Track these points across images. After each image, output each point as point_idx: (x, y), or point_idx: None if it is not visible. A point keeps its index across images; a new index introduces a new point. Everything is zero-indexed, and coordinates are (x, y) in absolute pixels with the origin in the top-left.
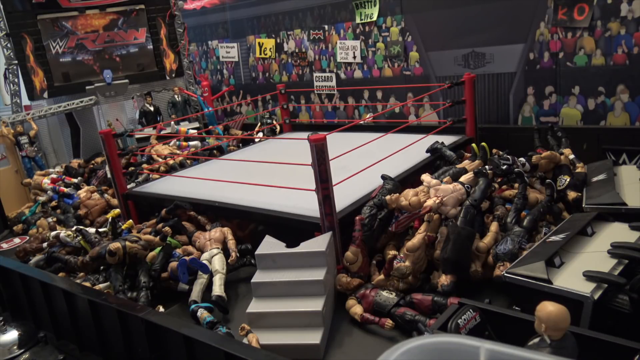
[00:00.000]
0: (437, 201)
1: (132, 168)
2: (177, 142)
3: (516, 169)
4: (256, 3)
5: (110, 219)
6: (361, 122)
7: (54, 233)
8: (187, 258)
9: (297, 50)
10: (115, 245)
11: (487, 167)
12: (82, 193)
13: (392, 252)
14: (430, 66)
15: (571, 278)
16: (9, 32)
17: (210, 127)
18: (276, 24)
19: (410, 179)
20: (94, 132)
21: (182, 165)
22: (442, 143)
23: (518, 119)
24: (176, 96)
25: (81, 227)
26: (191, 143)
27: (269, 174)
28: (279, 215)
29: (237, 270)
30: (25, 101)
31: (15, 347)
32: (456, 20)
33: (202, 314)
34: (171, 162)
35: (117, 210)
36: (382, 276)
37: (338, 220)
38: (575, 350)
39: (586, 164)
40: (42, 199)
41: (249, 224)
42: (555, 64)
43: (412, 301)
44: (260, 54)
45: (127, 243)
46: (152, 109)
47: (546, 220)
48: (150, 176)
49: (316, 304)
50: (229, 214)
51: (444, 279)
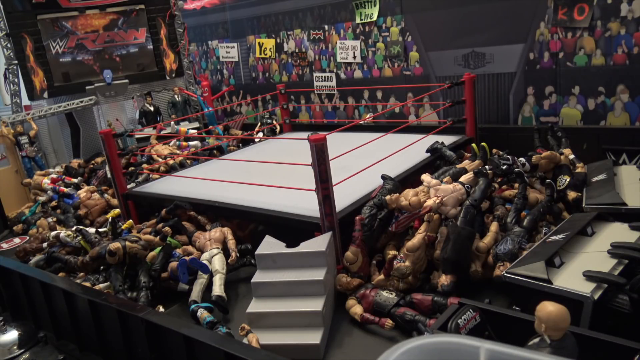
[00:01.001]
0: (437, 201)
1: (132, 168)
2: (177, 142)
3: (516, 169)
4: (256, 3)
5: (110, 219)
6: (361, 122)
7: (54, 233)
8: (187, 258)
9: (297, 50)
10: (115, 245)
11: (487, 167)
12: (82, 193)
13: (392, 252)
14: (430, 66)
15: (571, 278)
16: (9, 32)
17: (210, 127)
18: (276, 24)
19: (410, 179)
20: (94, 132)
21: (182, 165)
22: (442, 143)
23: (518, 119)
24: (176, 96)
25: (81, 227)
26: (191, 143)
27: (269, 174)
28: (279, 215)
29: (237, 270)
30: (25, 101)
31: (15, 347)
32: (456, 20)
33: (202, 314)
34: (171, 162)
35: (117, 210)
36: (382, 276)
37: (338, 220)
38: (575, 350)
39: (586, 164)
40: (42, 199)
41: (249, 224)
42: (555, 64)
43: (412, 301)
44: (260, 54)
45: (127, 243)
46: (152, 109)
47: (546, 220)
48: (150, 176)
49: (316, 304)
50: (229, 214)
51: (444, 279)
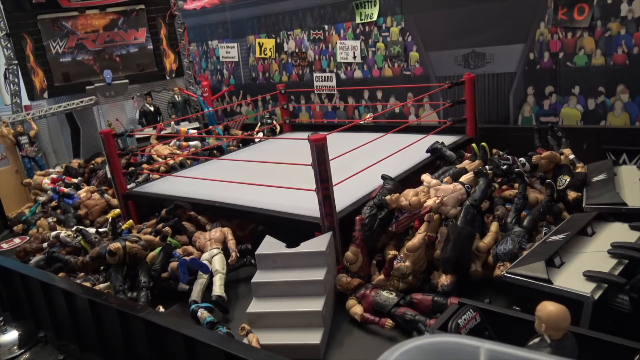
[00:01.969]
0: (437, 201)
1: (132, 168)
2: (177, 142)
3: (516, 169)
4: (256, 3)
5: (110, 219)
6: (361, 122)
7: (54, 233)
8: (187, 258)
9: (297, 50)
10: (115, 245)
11: (487, 167)
12: (82, 193)
13: (392, 252)
14: (430, 66)
15: (571, 278)
16: (9, 32)
17: (210, 127)
18: (276, 24)
19: (410, 179)
20: (94, 132)
21: (182, 165)
22: (442, 143)
23: (518, 119)
24: (176, 96)
25: (81, 227)
26: (191, 143)
27: (269, 174)
28: (279, 215)
29: (237, 270)
30: (25, 101)
31: (15, 347)
32: (456, 20)
33: (202, 314)
34: (171, 162)
35: (117, 210)
36: (382, 276)
37: (338, 220)
38: (575, 350)
39: (586, 164)
40: (42, 199)
41: (249, 224)
42: (555, 64)
43: (412, 301)
44: (260, 54)
45: (127, 243)
46: (152, 109)
47: (546, 220)
48: (150, 176)
49: (316, 304)
50: (229, 214)
51: (444, 279)
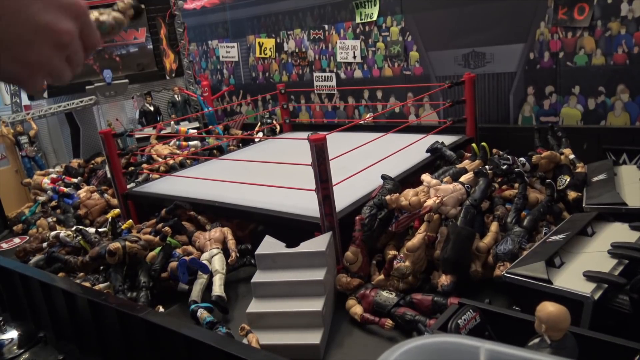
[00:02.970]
0: (437, 201)
1: (132, 168)
2: (177, 142)
3: (516, 169)
4: (256, 3)
5: (110, 219)
6: (361, 122)
7: (53, 233)
8: (187, 258)
9: (297, 50)
10: (115, 245)
11: (487, 167)
12: (82, 193)
13: (392, 252)
14: (430, 66)
15: (571, 278)
16: None
17: (210, 127)
18: (276, 23)
19: (410, 179)
20: (94, 132)
21: (182, 165)
22: (442, 143)
23: (518, 119)
24: (176, 96)
25: (81, 227)
26: (191, 143)
27: (269, 174)
28: (279, 215)
29: (237, 270)
30: (25, 101)
31: (15, 347)
32: (456, 20)
33: (202, 314)
34: (171, 162)
35: (117, 210)
36: (382, 276)
37: (338, 220)
38: (575, 351)
39: (586, 164)
40: (42, 199)
41: (249, 224)
42: (555, 63)
43: (412, 301)
44: (260, 53)
45: (127, 243)
46: (152, 108)
47: (546, 220)
48: (150, 176)
49: (316, 304)
50: (229, 214)
51: (444, 279)
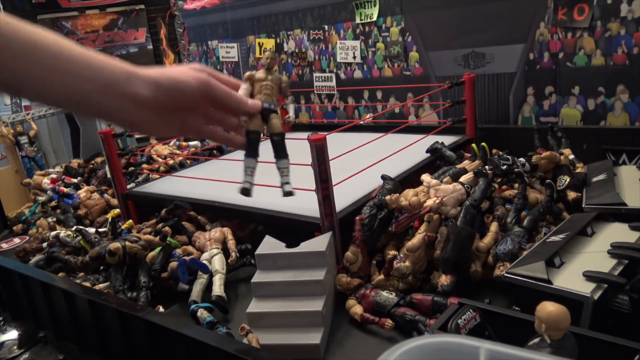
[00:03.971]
0: (437, 201)
1: (132, 168)
2: (177, 142)
3: (516, 169)
4: (256, 3)
5: (110, 219)
6: (361, 122)
7: (53, 233)
8: (187, 258)
9: (297, 50)
10: (115, 245)
11: (487, 167)
12: (82, 193)
13: (392, 252)
14: (430, 66)
15: (571, 278)
16: None
17: None
18: (276, 24)
19: (410, 179)
20: (94, 132)
21: (182, 165)
22: (442, 143)
23: (518, 119)
24: None
25: (81, 227)
26: (191, 143)
27: (269, 173)
28: (279, 215)
29: (237, 270)
30: (25, 101)
31: (15, 347)
32: (456, 20)
33: (202, 314)
34: (171, 162)
35: (117, 210)
36: (382, 276)
37: (338, 220)
38: (575, 350)
39: (586, 164)
40: (42, 199)
41: (249, 224)
42: (555, 64)
43: (412, 301)
44: (260, 54)
45: (127, 243)
46: None
47: (546, 220)
48: (150, 176)
49: (316, 304)
50: (229, 214)
51: (444, 279)
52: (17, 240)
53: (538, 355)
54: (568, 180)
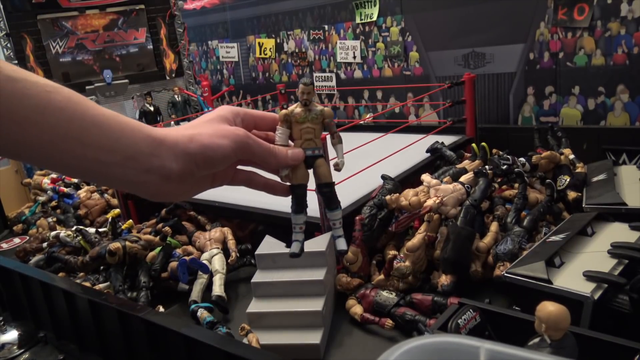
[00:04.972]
0: (437, 201)
1: None
2: None
3: (516, 169)
4: (256, 3)
5: (110, 219)
6: (361, 122)
7: (53, 233)
8: (187, 258)
9: (297, 50)
10: (115, 245)
11: (487, 167)
12: (82, 193)
13: (392, 252)
14: (430, 66)
15: (571, 278)
16: (9, 32)
17: None
18: (276, 24)
19: (410, 179)
20: None
21: None
22: (442, 143)
23: (518, 119)
24: (176, 96)
25: (81, 227)
26: None
27: (268, 174)
28: (279, 215)
29: (237, 270)
30: None
31: (15, 347)
32: (456, 20)
33: (202, 314)
34: None
35: (117, 210)
36: (382, 276)
37: None
38: (575, 350)
39: (586, 164)
40: (42, 199)
41: (249, 224)
42: (555, 64)
43: (412, 301)
44: (260, 54)
45: (127, 243)
46: (152, 109)
47: (546, 220)
48: None
49: (316, 304)
50: (229, 214)
51: (444, 279)
52: (17, 240)
53: (538, 355)
54: (568, 180)
